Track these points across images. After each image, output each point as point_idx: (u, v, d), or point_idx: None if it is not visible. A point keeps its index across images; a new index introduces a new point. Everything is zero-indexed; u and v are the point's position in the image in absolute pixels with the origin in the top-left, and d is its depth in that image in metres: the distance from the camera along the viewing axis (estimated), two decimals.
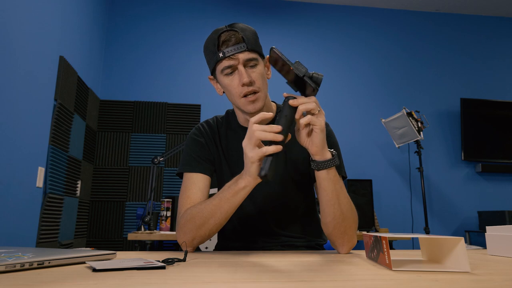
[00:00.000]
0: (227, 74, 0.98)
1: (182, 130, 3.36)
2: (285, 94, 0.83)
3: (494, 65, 3.93)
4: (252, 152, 0.79)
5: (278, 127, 0.78)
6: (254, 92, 0.98)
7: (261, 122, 0.82)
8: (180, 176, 1.09)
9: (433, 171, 3.60)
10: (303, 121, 0.81)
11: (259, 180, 0.84)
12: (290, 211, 1.09)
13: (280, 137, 0.77)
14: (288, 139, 0.82)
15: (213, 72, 1.04)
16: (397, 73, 3.79)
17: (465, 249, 0.62)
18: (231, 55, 0.95)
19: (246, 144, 0.80)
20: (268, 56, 0.81)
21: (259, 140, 0.79)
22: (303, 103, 0.80)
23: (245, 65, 0.97)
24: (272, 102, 1.14)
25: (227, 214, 0.91)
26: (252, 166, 0.80)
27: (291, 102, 0.81)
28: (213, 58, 0.99)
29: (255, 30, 1.02)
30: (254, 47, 0.98)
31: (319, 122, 0.82)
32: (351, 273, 0.61)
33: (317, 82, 0.80)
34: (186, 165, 1.06)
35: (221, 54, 0.96)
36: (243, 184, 0.85)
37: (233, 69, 0.97)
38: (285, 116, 0.80)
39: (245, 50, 0.96)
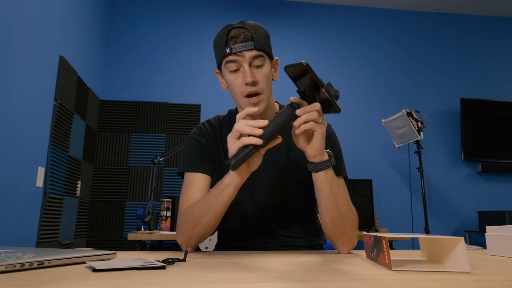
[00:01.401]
0: (231, 71, 0.98)
1: (182, 130, 3.36)
2: (292, 99, 0.82)
3: (494, 65, 3.93)
4: (232, 144, 0.80)
5: (264, 122, 0.78)
6: (257, 94, 0.97)
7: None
8: (181, 175, 1.09)
9: (433, 171, 3.60)
10: (305, 127, 0.80)
11: (244, 176, 0.84)
12: (291, 211, 1.09)
13: (258, 132, 0.77)
14: (277, 142, 0.82)
15: (219, 67, 1.04)
16: (397, 73, 3.80)
17: (465, 249, 0.62)
18: (238, 51, 0.95)
19: (229, 136, 0.81)
20: (292, 65, 0.78)
21: (239, 132, 0.79)
22: (307, 112, 0.80)
23: (250, 64, 0.96)
24: (276, 103, 1.14)
25: (217, 212, 0.91)
26: (232, 150, 0.81)
27: (297, 112, 0.80)
28: (220, 52, 0.99)
29: (267, 30, 1.02)
30: (263, 47, 0.97)
31: (321, 129, 0.81)
32: (351, 273, 0.61)
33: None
34: (186, 164, 1.06)
35: (228, 50, 0.95)
36: (228, 180, 0.86)
37: (238, 66, 0.96)
38: (279, 118, 0.80)
39: (252, 49, 0.95)
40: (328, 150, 0.89)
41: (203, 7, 3.69)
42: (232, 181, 0.85)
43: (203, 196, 0.96)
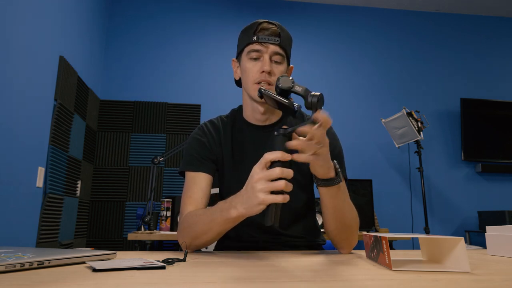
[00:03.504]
0: (251, 58, 1.03)
1: (182, 130, 3.36)
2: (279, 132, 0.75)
3: (494, 65, 3.93)
4: (266, 196, 0.70)
5: (290, 174, 0.72)
6: (269, 84, 1.01)
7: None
8: (182, 175, 1.09)
9: (433, 171, 3.60)
10: (299, 158, 0.75)
11: (253, 214, 0.76)
12: (291, 211, 1.09)
13: (290, 188, 0.71)
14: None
15: (238, 55, 1.09)
16: (397, 73, 3.80)
17: (465, 249, 0.62)
18: (263, 42, 1.01)
19: (263, 186, 0.70)
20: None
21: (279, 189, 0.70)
22: (298, 145, 0.74)
23: (271, 57, 1.01)
24: None
25: (219, 234, 0.91)
26: (258, 207, 0.73)
27: (288, 144, 0.73)
28: (245, 40, 1.04)
29: (292, 37, 1.10)
30: (286, 46, 1.04)
31: (317, 160, 0.77)
32: (351, 273, 0.61)
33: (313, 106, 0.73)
34: (188, 164, 1.07)
35: (254, 38, 1.01)
36: (235, 215, 0.80)
37: (259, 55, 1.02)
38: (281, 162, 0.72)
39: (277, 44, 1.01)
40: (337, 167, 0.85)
41: (204, 7, 3.69)
42: (240, 216, 0.80)
43: (205, 211, 0.93)
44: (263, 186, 0.70)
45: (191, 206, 1.00)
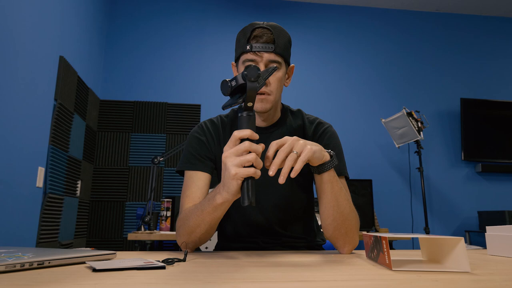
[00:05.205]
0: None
1: (182, 130, 3.36)
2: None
3: (494, 65, 3.93)
4: (237, 169, 0.72)
5: (259, 148, 0.74)
6: (265, 94, 0.99)
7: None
8: (180, 173, 1.09)
9: (433, 171, 3.60)
10: (284, 172, 0.77)
11: (237, 196, 0.78)
12: (292, 211, 1.09)
13: (260, 165, 0.74)
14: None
15: (237, 60, 1.07)
16: (397, 73, 3.80)
17: (465, 249, 0.62)
18: (257, 51, 0.97)
19: (233, 161, 0.73)
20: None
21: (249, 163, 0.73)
22: (275, 158, 0.78)
23: (266, 66, 0.99)
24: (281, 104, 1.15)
25: (212, 225, 0.90)
26: (232, 183, 0.74)
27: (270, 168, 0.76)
28: (240, 48, 1.01)
29: (290, 36, 1.05)
30: (282, 52, 1.00)
31: (300, 161, 0.78)
32: (351, 273, 0.61)
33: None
34: (186, 163, 1.06)
35: (248, 47, 0.98)
36: (221, 200, 0.81)
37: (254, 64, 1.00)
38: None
39: (271, 52, 0.98)
40: (330, 151, 0.89)
41: (203, 7, 3.69)
42: (225, 200, 0.81)
43: (197, 206, 0.93)
44: (233, 159, 0.73)
45: (190, 206, 1.00)
